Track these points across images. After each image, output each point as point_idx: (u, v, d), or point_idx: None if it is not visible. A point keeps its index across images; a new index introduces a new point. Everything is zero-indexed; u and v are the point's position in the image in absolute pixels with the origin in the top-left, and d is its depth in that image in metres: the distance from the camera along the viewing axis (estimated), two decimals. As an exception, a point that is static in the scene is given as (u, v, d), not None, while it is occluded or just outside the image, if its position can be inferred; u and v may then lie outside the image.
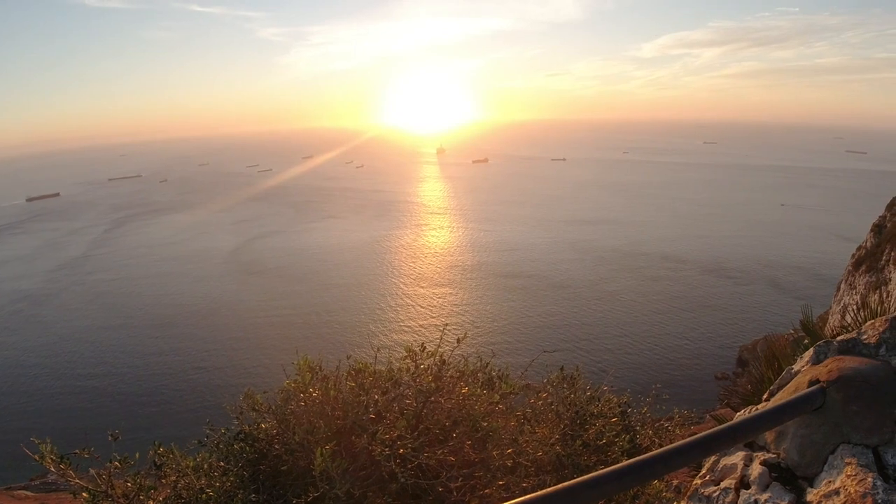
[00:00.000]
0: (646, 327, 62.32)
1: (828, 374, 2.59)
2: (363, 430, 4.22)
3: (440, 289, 77.10)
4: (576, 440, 4.89)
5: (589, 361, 50.54)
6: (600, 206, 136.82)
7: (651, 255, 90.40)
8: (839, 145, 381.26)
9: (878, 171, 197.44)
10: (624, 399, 6.44)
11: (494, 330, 61.03)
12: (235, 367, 53.61)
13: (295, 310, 68.82)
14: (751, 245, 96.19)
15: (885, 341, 2.81)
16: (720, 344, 57.70)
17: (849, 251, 55.40)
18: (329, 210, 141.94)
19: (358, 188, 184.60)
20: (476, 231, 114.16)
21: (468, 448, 4.16)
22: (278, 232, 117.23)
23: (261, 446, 4.75)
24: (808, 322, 5.36)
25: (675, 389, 41.95)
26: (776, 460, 2.63)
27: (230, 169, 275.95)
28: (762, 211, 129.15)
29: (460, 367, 5.08)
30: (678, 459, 2.06)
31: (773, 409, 2.39)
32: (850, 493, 2.18)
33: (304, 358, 5.09)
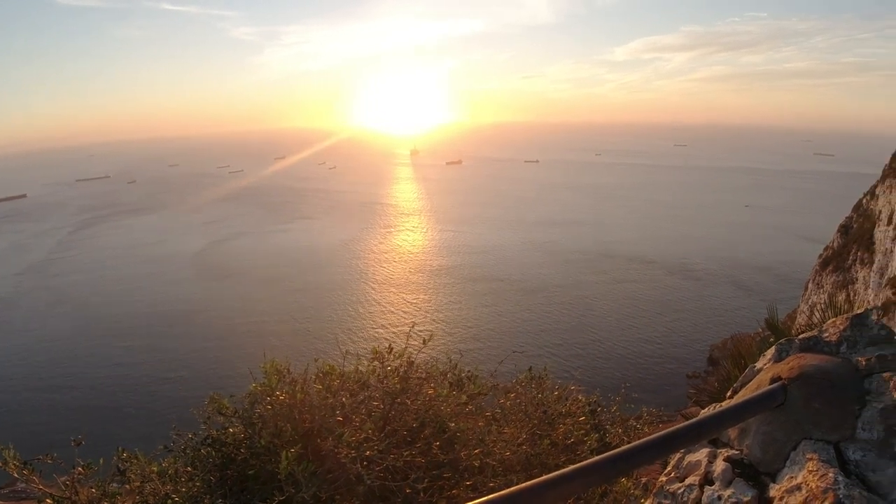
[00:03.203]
0: (617, 329, 62.97)
1: (789, 371, 2.63)
2: (329, 433, 4.18)
3: (411, 292, 76.88)
4: (544, 440, 4.91)
5: (559, 363, 50.86)
6: (572, 208, 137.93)
7: (621, 257, 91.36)
8: (807, 148, 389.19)
9: (845, 172, 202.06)
10: (593, 398, 6.49)
11: (465, 333, 61.04)
12: (203, 373, 52.70)
13: (264, 314, 67.85)
14: (721, 246, 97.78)
15: (845, 339, 2.86)
16: (691, 343, 58.53)
17: (816, 252, 56.67)
18: (301, 211, 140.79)
19: (330, 189, 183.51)
20: (449, 233, 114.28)
21: (436, 449, 4.16)
22: (248, 234, 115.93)
23: (228, 451, 4.68)
24: (774, 321, 5.45)
25: (647, 389, 42.47)
26: (739, 456, 2.66)
27: (201, 170, 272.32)
28: (731, 212, 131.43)
29: (428, 368, 5.07)
30: (642, 457, 2.07)
31: (736, 407, 2.41)
32: (811, 488, 2.20)
33: (271, 361, 5.03)
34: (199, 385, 48.32)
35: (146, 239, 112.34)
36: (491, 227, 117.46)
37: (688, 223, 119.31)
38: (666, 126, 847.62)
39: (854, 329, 2.88)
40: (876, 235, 44.61)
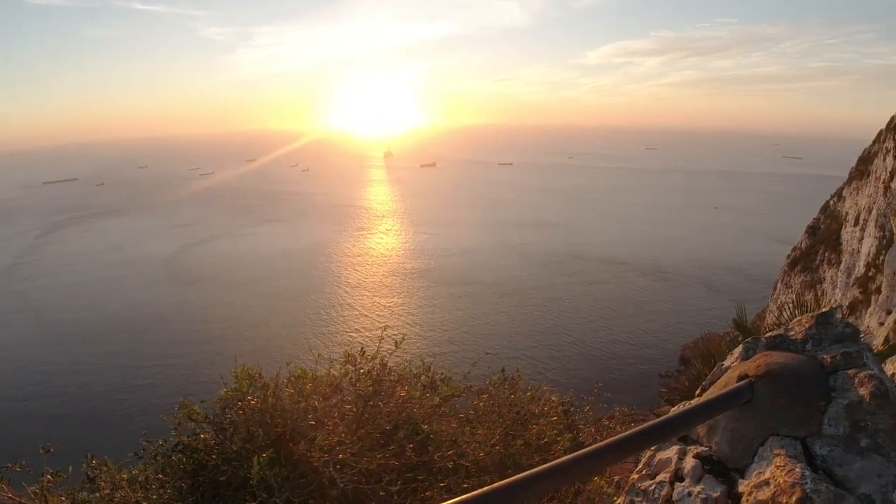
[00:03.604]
0: (591, 330, 63.45)
1: (756, 369, 2.68)
2: (302, 437, 4.15)
3: (385, 296, 76.49)
4: (517, 440, 4.93)
5: (534, 365, 51.09)
6: (545, 211, 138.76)
7: (594, 259, 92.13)
8: (776, 151, 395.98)
9: (813, 175, 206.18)
10: (566, 398, 6.53)
11: (440, 336, 60.88)
12: (173, 379, 51.59)
13: (236, 319, 66.81)
14: (691, 248, 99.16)
15: (811, 337, 2.92)
16: (663, 344, 59.19)
17: (784, 252, 57.83)
18: (273, 214, 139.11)
19: (303, 192, 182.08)
20: (423, 235, 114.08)
21: (409, 451, 4.15)
22: (219, 237, 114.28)
23: (199, 457, 4.62)
24: (742, 320, 5.55)
25: (620, 389, 42.79)
26: (708, 453, 2.70)
27: (170, 172, 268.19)
28: (702, 215, 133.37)
29: (401, 371, 5.06)
30: (613, 455, 2.09)
31: (704, 404, 2.45)
32: (779, 483, 2.24)
33: (241, 366, 4.98)
34: (169, 392, 46.92)
35: (115, 242, 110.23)
36: (465, 229, 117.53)
37: (659, 225, 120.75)
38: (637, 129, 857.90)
39: (819, 327, 2.94)
40: (843, 236, 45.67)
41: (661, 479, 2.74)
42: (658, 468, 2.83)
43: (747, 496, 2.36)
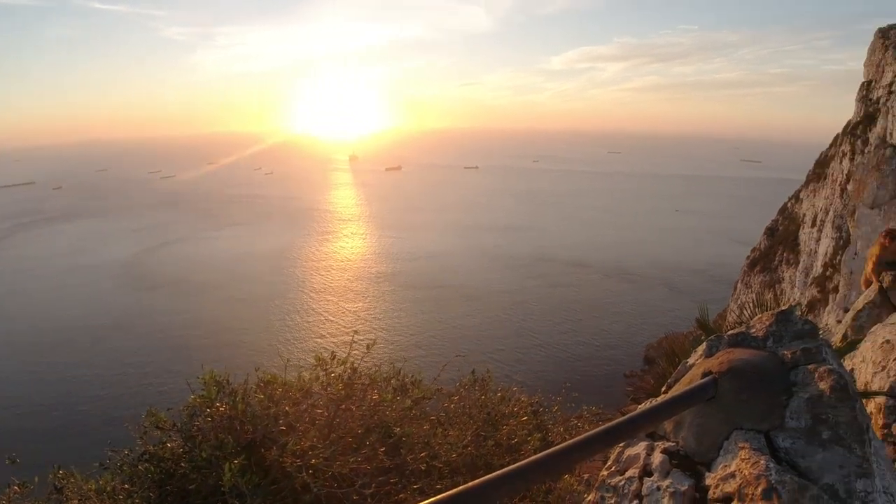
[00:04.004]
0: (557, 332, 63.97)
1: (719, 365, 2.76)
2: (273, 443, 4.12)
3: (351, 300, 75.97)
4: (488, 440, 4.98)
5: (501, 368, 51.25)
6: (511, 214, 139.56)
7: (559, 262, 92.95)
8: (736, 155, 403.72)
9: (772, 178, 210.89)
10: (535, 399, 6.60)
11: (407, 341, 60.58)
12: (136, 389, 50.32)
13: (199, 326, 65.50)
14: (654, 250, 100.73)
15: (772, 334, 3.02)
16: (628, 345, 59.98)
17: (744, 254, 59.11)
18: (236, 218, 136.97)
19: (266, 195, 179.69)
20: (389, 239, 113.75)
21: (382, 454, 4.15)
22: (181, 241, 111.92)
23: (167, 466, 4.55)
24: (704, 319, 5.67)
25: (587, 389, 43.06)
26: (676, 448, 2.77)
27: (130, 175, 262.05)
28: (663, 217, 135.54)
29: (372, 374, 5.06)
30: (581, 452, 2.13)
31: (670, 400, 2.52)
32: (745, 475, 2.31)
33: (209, 372, 4.92)
34: (130, 402, 45.74)
35: (72, 248, 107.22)
36: (431, 232, 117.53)
37: (622, 228, 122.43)
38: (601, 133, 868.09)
39: (779, 324, 3.05)
40: (801, 237, 46.94)
41: (630, 475, 2.81)
42: (627, 464, 2.89)
43: (714, 489, 2.44)
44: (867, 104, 42.89)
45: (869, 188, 26.26)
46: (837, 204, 39.52)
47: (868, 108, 42.28)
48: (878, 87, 41.71)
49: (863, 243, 23.79)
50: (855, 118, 44.45)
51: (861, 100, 44.53)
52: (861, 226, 26.34)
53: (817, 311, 33.44)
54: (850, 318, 9.07)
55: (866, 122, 41.41)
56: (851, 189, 32.59)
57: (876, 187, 25.67)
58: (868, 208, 25.84)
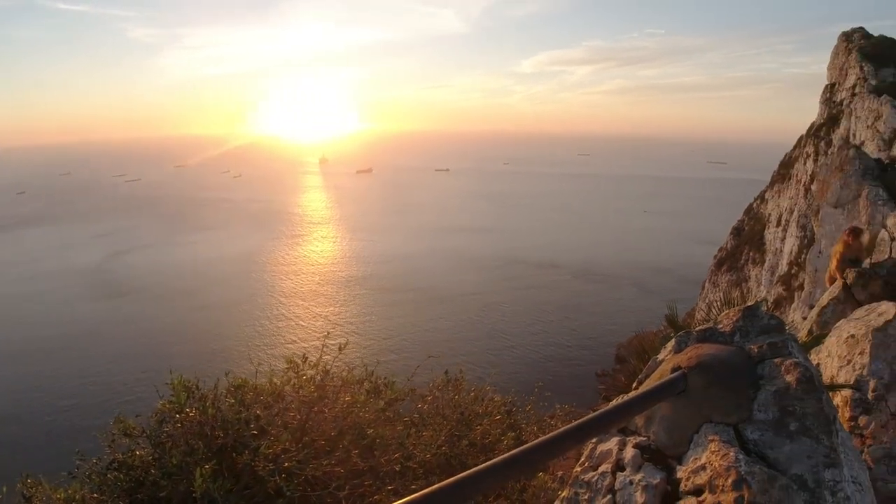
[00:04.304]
0: (529, 333, 64.30)
1: (688, 360, 2.81)
2: (245, 447, 4.08)
3: (322, 305, 75.24)
4: (462, 440, 4.99)
5: (474, 370, 50.44)
6: (482, 216, 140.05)
7: (530, 263, 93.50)
8: (702, 157, 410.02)
9: (737, 179, 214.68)
10: (509, 399, 6.65)
11: (380, 345, 59.85)
12: (103, 399, 48.70)
13: (166, 333, 64.06)
14: (623, 250, 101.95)
15: (738, 329, 3.08)
16: (599, 344, 60.45)
17: (711, 253, 60.06)
18: (204, 222, 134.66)
19: (235, 198, 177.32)
20: (360, 242, 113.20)
21: (355, 456, 4.14)
22: (147, 247, 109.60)
23: (137, 474, 4.47)
24: (674, 317, 5.76)
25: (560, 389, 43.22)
26: (647, 443, 2.82)
27: (95, 178, 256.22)
28: (632, 218, 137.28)
29: (344, 377, 5.03)
30: (553, 448, 2.15)
31: (640, 396, 2.55)
32: (715, 467, 2.35)
33: (178, 377, 4.85)
34: (97, 412, 44.11)
35: (35, 254, 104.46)
36: (403, 235, 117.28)
37: (592, 229, 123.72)
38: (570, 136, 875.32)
39: (746, 320, 3.11)
40: (766, 236, 47.91)
41: (603, 470, 2.84)
42: (600, 459, 2.92)
43: (685, 481, 2.48)
44: (831, 106, 44.03)
45: (832, 188, 26.85)
46: (802, 204, 40.40)
47: (832, 110, 43.40)
48: (842, 90, 42.85)
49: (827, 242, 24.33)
50: (819, 120, 45.58)
51: (825, 102, 45.70)
52: (825, 225, 26.91)
53: (783, 308, 34.09)
54: (816, 314, 9.29)
55: (830, 124, 42.51)
56: (815, 189, 33.31)
57: (839, 187, 26.25)
58: (832, 207, 26.43)
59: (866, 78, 39.54)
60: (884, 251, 17.36)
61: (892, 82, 38.03)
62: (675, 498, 2.46)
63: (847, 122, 39.23)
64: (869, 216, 23.52)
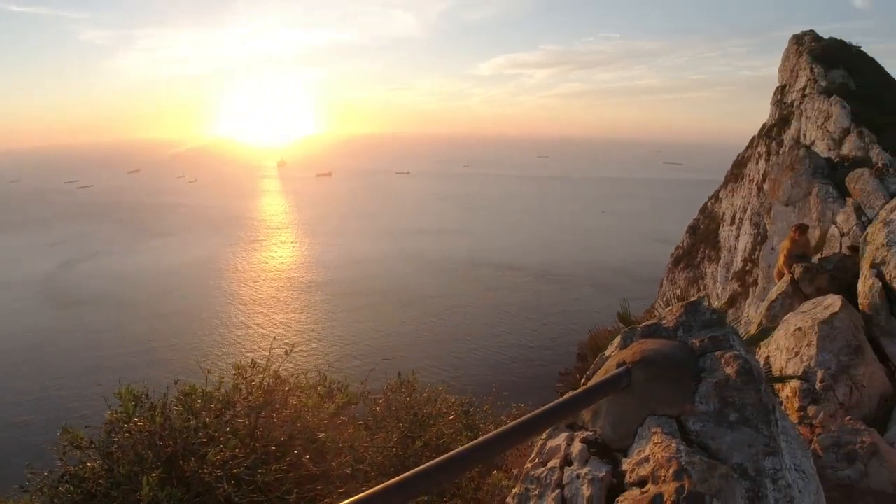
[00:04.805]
0: (492, 335, 64.53)
1: (632, 356, 2.88)
2: (192, 455, 4.00)
3: (282, 312, 74.00)
4: (416, 441, 4.99)
5: (438, 374, 51.18)
6: (443, 218, 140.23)
7: (491, 265, 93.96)
8: (658, 158, 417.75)
9: (692, 179, 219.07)
10: (466, 399, 6.67)
11: (342, 351, 59.28)
12: (54, 415, 46.96)
13: (120, 344, 62.11)
14: (582, 251, 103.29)
15: (681, 324, 3.16)
16: (561, 344, 60.88)
17: (668, 252, 61.17)
18: (159, 229, 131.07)
19: (191, 204, 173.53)
20: (320, 246, 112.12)
21: (307, 461, 4.10)
22: (100, 255, 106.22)
23: (88, 486, 4.36)
24: (626, 313, 5.86)
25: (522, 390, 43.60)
26: (594, 437, 2.86)
27: (46, 185, 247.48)
28: (591, 219, 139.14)
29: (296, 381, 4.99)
30: (500, 444, 2.17)
31: (586, 391, 2.59)
32: (657, 458, 2.39)
33: (126, 387, 4.74)
34: (49, 428, 42.54)
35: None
36: (364, 239, 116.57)
37: (551, 230, 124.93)
38: (530, 138, 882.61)
39: (689, 315, 3.19)
40: (721, 234, 49.02)
41: (552, 465, 2.87)
42: (549, 455, 2.95)
43: (630, 473, 2.52)
44: (782, 107, 45.32)
45: (784, 186, 27.67)
46: (755, 202, 41.46)
47: (783, 111, 44.66)
48: (793, 91, 44.14)
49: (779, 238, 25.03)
50: (770, 121, 46.87)
51: (776, 103, 47.03)
52: (777, 222, 27.73)
53: (739, 304, 34.94)
54: (765, 309, 9.54)
55: (781, 125, 43.73)
56: (767, 188, 34.23)
57: (790, 185, 27.08)
58: (783, 205, 27.25)
59: (816, 79, 40.77)
60: (834, 247, 17.93)
61: (841, 83, 39.28)
62: (620, 490, 2.49)
63: (798, 123, 40.41)
64: (819, 213, 24.28)
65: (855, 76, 40.69)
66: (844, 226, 19.83)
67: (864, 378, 6.45)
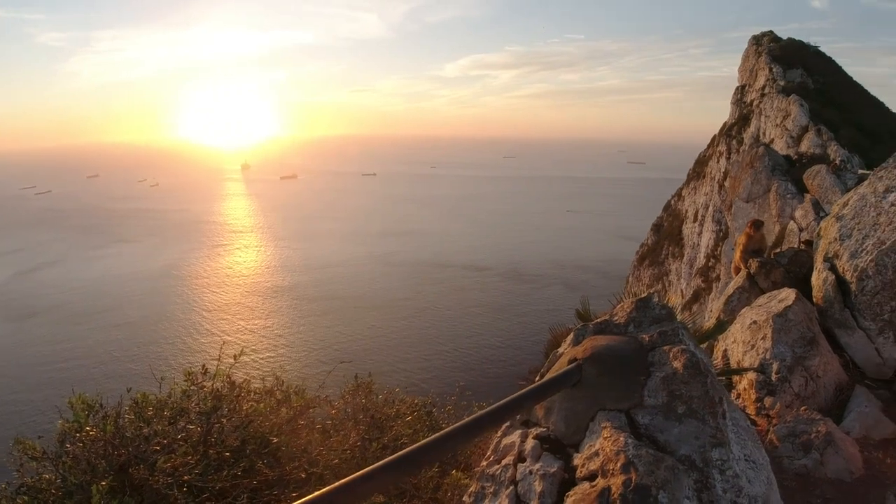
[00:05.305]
0: (462, 337, 64.62)
1: (583, 352, 2.91)
2: (143, 462, 3.95)
3: (247, 318, 72.87)
4: (373, 443, 4.97)
5: (408, 376, 51.11)
6: (410, 220, 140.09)
7: (459, 266, 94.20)
8: (622, 157, 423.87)
9: (656, 178, 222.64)
10: (429, 399, 6.67)
11: (309, 357, 58.52)
12: (14, 428, 45.52)
13: (79, 356, 60.52)
14: (549, 250, 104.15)
15: (632, 320, 3.21)
16: (530, 343, 61.17)
17: (633, 249, 61.92)
18: (119, 235, 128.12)
19: (153, 209, 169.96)
20: (285, 250, 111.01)
21: (261, 466, 4.07)
22: (58, 263, 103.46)
23: (45, 497, 4.27)
24: (585, 311, 5.90)
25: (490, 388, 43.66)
26: (547, 433, 2.88)
27: (1, 192, 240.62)
28: (557, 218, 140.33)
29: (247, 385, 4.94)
30: (451, 442, 2.17)
31: (537, 388, 2.61)
32: (606, 452, 2.42)
33: (78, 395, 4.66)
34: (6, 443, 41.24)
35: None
36: (331, 241, 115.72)
37: (518, 230, 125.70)
38: (495, 139, 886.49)
39: (639, 311, 3.24)
40: (684, 232, 49.82)
41: (505, 463, 2.89)
42: (504, 452, 2.97)
43: (581, 468, 2.54)
44: (741, 106, 46.25)
45: (744, 184, 28.27)
46: (716, 199, 42.21)
47: (742, 110, 45.57)
48: (752, 91, 45.06)
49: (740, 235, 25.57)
50: (730, 120, 47.80)
51: (736, 103, 47.97)
52: (738, 218, 28.28)
53: (703, 299, 35.54)
54: (723, 303, 9.72)
55: (741, 123, 44.61)
56: (728, 185, 34.92)
57: (750, 183, 27.67)
58: (743, 202, 27.83)
59: (775, 79, 41.65)
60: (793, 241, 18.38)
61: (799, 83, 40.19)
62: (572, 485, 2.51)
63: (757, 122, 41.27)
64: (779, 209, 24.82)
65: (813, 75, 41.62)
66: (803, 221, 20.35)
67: (818, 369, 6.58)
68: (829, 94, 38.90)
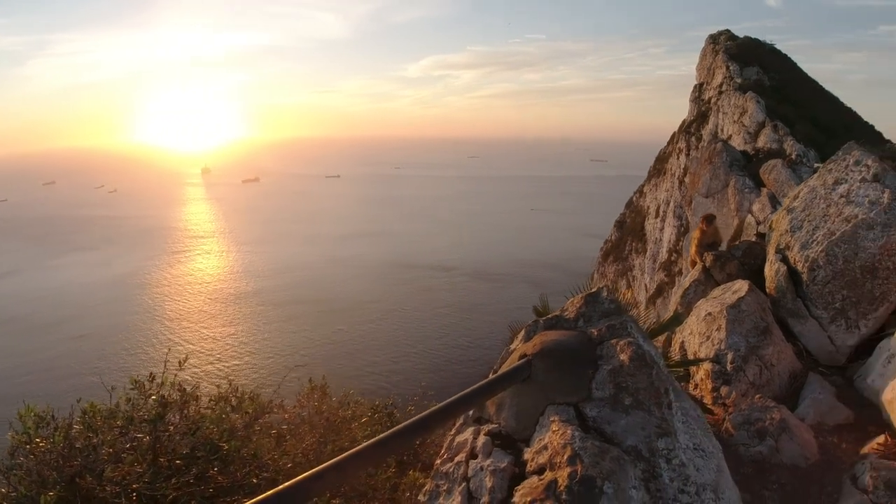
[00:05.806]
0: (431, 338, 64.64)
1: (533, 347, 2.95)
2: (90, 472, 3.89)
3: (210, 326, 71.27)
4: (328, 446, 4.95)
5: (375, 380, 50.99)
6: (375, 221, 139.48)
7: (425, 266, 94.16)
8: (584, 155, 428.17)
9: (618, 175, 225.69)
10: (389, 401, 6.67)
11: (277, 363, 57.25)
12: None
13: (33, 371, 58.29)
14: (514, 249, 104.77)
15: (582, 315, 3.25)
16: (497, 342, 61.33)
17: (598, 246, 62.60)
18: (76, 243, 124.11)
19: (111, 215, 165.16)
20: (249, 255, 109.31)
21: (213, 473, 4.04)
22: (12, 274, 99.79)
23: (-5, 509, 4.19)
24: (545, 308, 5.96)
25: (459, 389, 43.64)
26: (498, 429, 2.91)
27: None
28: (521, 217, 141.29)
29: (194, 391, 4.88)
30: (400, 439, 2.18)
31: (487, 384, 2.62)
32: (554, 445, 2.45)
33: (28, 408, 4.56)
34: None
35: None
36: (295, 245, 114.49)
37: (484, 229, 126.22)
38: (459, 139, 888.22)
39: (588, 306, 3.29)
40: (646, 227, 50.57)
41: (458, 460, 2.90)
42: (457, 450, 2.98)
43: (531, 462, 2.57)
44: (700, 104, 47.12)
45: (703, 179, 28.81)
46: (677, 195, 42.94)
47: (701, 108, 46.43)
48: (710, 88, 45.92)
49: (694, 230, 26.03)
50: (689, 117, 48.66)
51: (694, 100, 48.87)
52: (697, 213, 28.79)
53: (666, 293, 36.11)
54: (679, 296, 9.89)
55: (699, 121, 45.44)
56: (688, 181, 35.57)
57: (709, 178, 28.22)
58: (703, 197, 28.35)
59: (732, 76, 42.47)
60: (751, 234, 18.80)
61: (756, 80, 41.02)
62: (523, 479, 2.53)
63: (715, 118, 42.09)
64: (737, 203, 25.36)
65: (769, 72, 42.47)
66: (760, 214, 20.84)
67: (772, 357, 6.73)
68: (785, 91, 39.75)
